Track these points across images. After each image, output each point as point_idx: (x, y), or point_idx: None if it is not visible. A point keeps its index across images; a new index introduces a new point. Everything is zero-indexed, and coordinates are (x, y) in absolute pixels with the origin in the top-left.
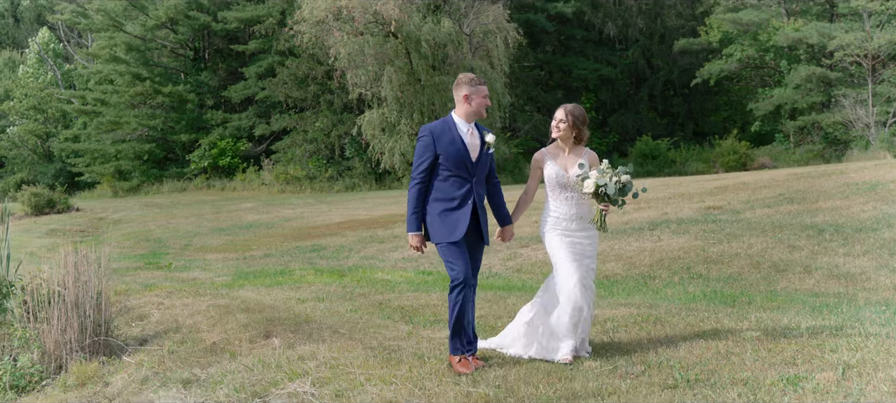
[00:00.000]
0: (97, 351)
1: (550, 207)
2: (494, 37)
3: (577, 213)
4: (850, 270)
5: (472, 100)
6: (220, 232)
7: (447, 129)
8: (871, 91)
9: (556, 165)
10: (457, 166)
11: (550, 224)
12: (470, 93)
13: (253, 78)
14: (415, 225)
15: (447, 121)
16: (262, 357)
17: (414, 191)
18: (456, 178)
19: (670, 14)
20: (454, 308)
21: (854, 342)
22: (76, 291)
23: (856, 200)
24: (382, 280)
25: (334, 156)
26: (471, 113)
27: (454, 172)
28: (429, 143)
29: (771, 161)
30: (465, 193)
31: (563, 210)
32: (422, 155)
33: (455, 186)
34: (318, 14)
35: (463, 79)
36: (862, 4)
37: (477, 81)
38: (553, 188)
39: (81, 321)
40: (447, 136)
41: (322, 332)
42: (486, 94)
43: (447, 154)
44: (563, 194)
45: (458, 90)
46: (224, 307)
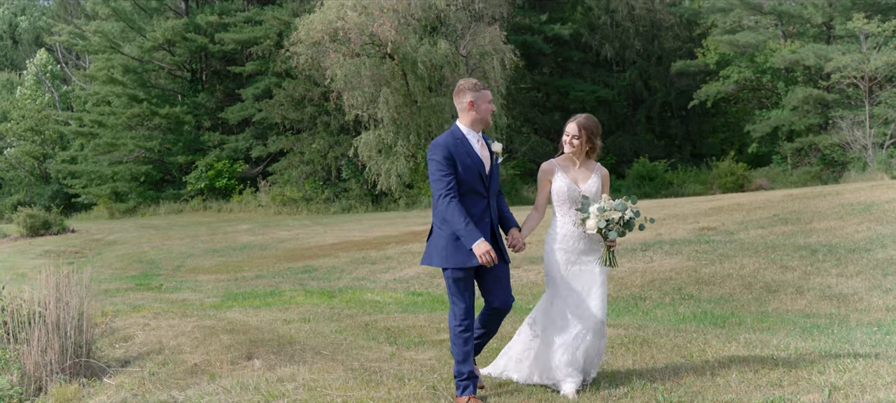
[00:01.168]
0: (78, 373)
1: (558, 224)
2: (491, 58)
3: (583, 233)
4: (843, 291)
5: (479, 107)
6: (214, 254)
7: (459, 142)
8: (869, 112)
9: (566, 178)
10: (472, 181)
11: (557, 243)
12: (475, 100)
13: (250, 99)
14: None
15: (455, 134)
16: (242, 378)
17: (454, 204)
18: (472, 196)
19: (667, 36)
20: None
21: (842, 363)
22: (57, 312)
23: (850, 221)
24: (371, 301)
25: (331, 177)
26: (477, 120)
27: (470, 188)
28: (448, 155)
29: (768, 182)
30: (482, 211)
31: (570, 228)
32: (443, 166)
33: (471, 204)
34: (314, 35)
35: (465, 85)
36: (859, 26)
37: (480, 86)
38: (561, 203)
39: (62, 342)
40: (461, 149)
41: (304, 353)
42: (490, 99)
43: (464, 168)
44: (572, 210)
45: (462, 97)
46: (209, 328)
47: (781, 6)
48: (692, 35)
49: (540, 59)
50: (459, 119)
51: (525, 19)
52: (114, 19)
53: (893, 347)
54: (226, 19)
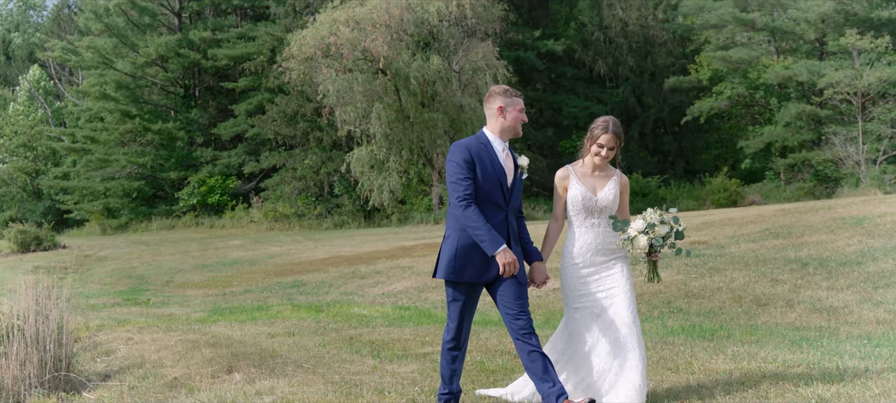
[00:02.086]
0: (57, 387)
1: (573, 236)
2: (484, 74)
3: (603, 242)
4: (833, 304)
5: (507, 114)
6: (204, 269)
7: (483, 148)
8: (862, 128)
9: (582, 186)
10: (492, 191)
11: (572, 258)
12: (505, 106)
13: (243, 115)
14: (500, 238)
15: (480, 139)
16: (220, 392)
17: (471, 210)
18: (491, 206)
19: (660, 52)
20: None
21: (830, 376)
22: (37, 325)
23: (841, 234)
24: (358, 315)
25: (323, 193)
26: (506, 129)
27: (488, 198)
28: (468, 158)
29: (761, 198)
30: (499, 224)
31: (589, 239)
32: (462, 170)
33: (488, 215)
34: (306, 51)
35: (496, 90)
36: (851, 43)
37: (512, 93)
38: (578, 213)
39: (41, 356)
40: (484, 155)
41: (286, 367)
42: (521, 108)
43: (484, 175)
44: (588, 220)
45: (491, 102)
46: (192, 342)
47: (774, 22)
48: (685, 51)
49: (533, 74)
50: (487, 125)
51: (518, 35)
52: (107, 35)
53: (882, 359)
54: (219, 35)
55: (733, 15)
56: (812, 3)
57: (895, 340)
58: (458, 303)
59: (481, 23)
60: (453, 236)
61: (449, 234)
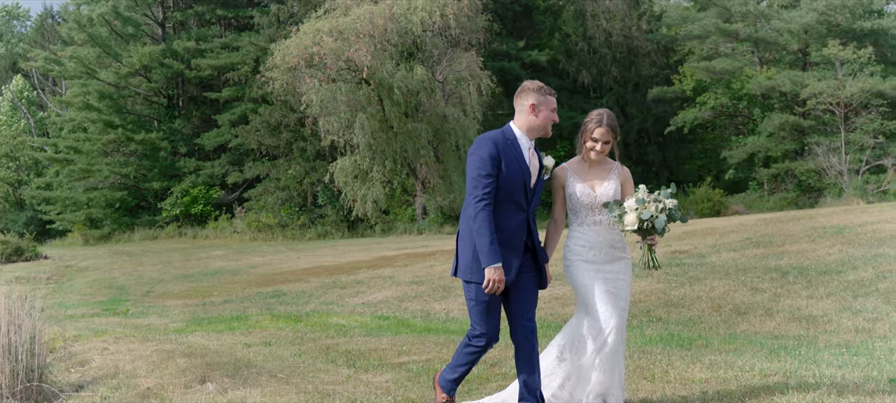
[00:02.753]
0: (29, 398)
1: (575, 234)
2: (468, 84)
3: (606, 240)
4: (812, 312)
5: (540, 113)
6: (185, 279)
7: (509, 144)
8: (844, 139)
9: (581, 183)
10: (515, 190)
11: (575, 254)
12: (538, 104)
13: (226, 125)
14: (498, 254)
15: (507, 134)
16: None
17: (485, 213)
18: (512, 206)
19: (644, 63)
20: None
21: (806, 384)
22: (9, 335)
23: (822, 243)
24: (337, 324)
25: (306, 203)
26: (536, 127)
27: (510, 197)
28: (494, 154)
29: (744, 208)
30: (519, 226)
31: (591, 236)
32: (486, 165)
33: (508, 215)
34: (289, 61)
35: (530, 86)
36: (834, 53)
37: (546, 91)
38: (577, 211)
39: (13, 366)
40: (510, 152)
41: (260, 377)
42: (554, 108)
43: (509, 173)
44: (589, 218)
45: (524, 98)
46: (167, 352)
47: (757, 33)
48: (669, 62)
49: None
50: (515, 120)
51: (502, 45)
52: (90, 45)
53: (859, 368)
54: (202, 45)
55: (717, 26)
56: (795, 13)
57: (873, 349)
58: (481, 305)
59: (465, 33)
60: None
61: (468, 230)
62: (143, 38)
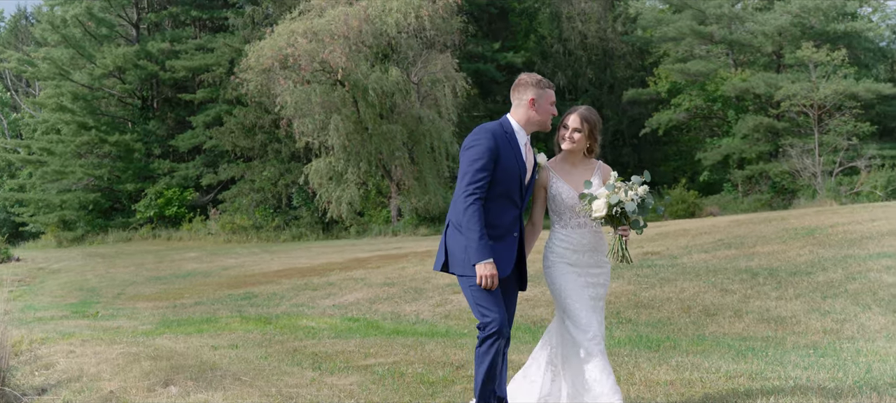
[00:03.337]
0: None
1: (558, 236)
2: (443, 86)
3: (591, 244)
4: (781, 314)
5: (539, 107)
6: (157, 281)
7: (508, 138)
8: (818, 140)
9: (565, 184)
10: (511, 186)
11: (557, 255)
12: (537, 98)
13: (200, 127)
14: (488, 250)
15: (505, 127)
16: None
17: (475, 208)
18: (505, 202)
19: (620, 65)
20: (484, 364)
21: (770, 386)
22: None
23: (793, 245)
24: (306, 327)
25: (281, 205)
26: (534, 122)
27: (506, 192)
28: (492, 147)
29: (719, 210)
30: (512, 222)
31: (575, 239)
32: (482, 158)
33: (502, 211)
34: (264, 62)
35: (528, 80)
36: (808, 55)
37: (545, 84)
38: (561, 212)
39: None
40: (508, 146)
41: (224, 380)
42: (553, 101)
43: (506, 168)
44: (574, 220)
45: (523, 93)
46: (133, 355)
47: (732, 35)
48: (644, 64)
49: (493, 87)
50: (512, 113)
51: (477, 47)
52: (64, 46)
53: (826, 369)
54: (177, 47)
55: (691, 28)
56: (769, 16)
57: (840, 350)
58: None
59: (440, 35)
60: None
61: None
62: (117, 40)
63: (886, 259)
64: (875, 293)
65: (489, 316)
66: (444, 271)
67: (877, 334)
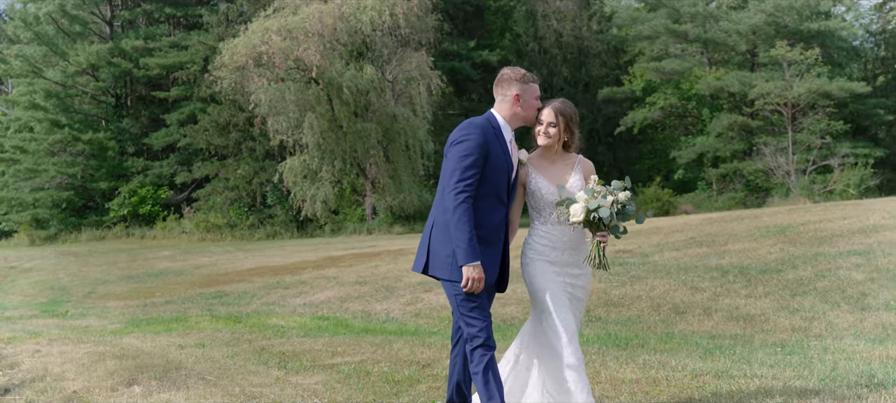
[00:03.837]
0: None
1: (537, 232)
2: (418, 84)
3: (571, 241)
4: (750, 311)
5: (525, 102)
6: (129, 280)
7: (496, 134)
8: (791, 139)
9: (544, 179)
10: (499, 184)
11: (536, 252)
12: (522, 93)
13: (175, 125)
14: (477, 252)
15: (492, 122)
16: None
17: (465, 207)
18: (494, 201)
19: (595, 63)
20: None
21: (736, 384)
22: None
23: (764, 243)
24: (275, 325)
25: (255, 203)
26: (519, 118)
27: (494, 191)
28: (483, 143)
29: (693, 208)
30: (499, 224)
31: (555, 236)
32: (473, 154)
33: (488, 211)
34: (238, 60)
35: (511, 74)
36: (781, 54)
37: (529, 78)
38: (540, 209)
39: None
40: (496, 142)
41: (188, 379)
42: (538, 95)
43: (495, 166)
44: (554, 216)
45: (506, 88)
46: (99, 354)
47: (706, 34)
48: (619, 62)
49: (468, 85)
50: (496, 108)
51: (453, 45)
52: (36, 43)
53: (791, 367)
54: (151, 44)
55: (666, 26)
56: (743, 14)
57: (807, 348)
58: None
59: (415, 33)
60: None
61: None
62: (91, 37)
63: (856, 256)
64: (844, 290)
65: (475, 326)
66: (423, 273)
67: (844, 332)
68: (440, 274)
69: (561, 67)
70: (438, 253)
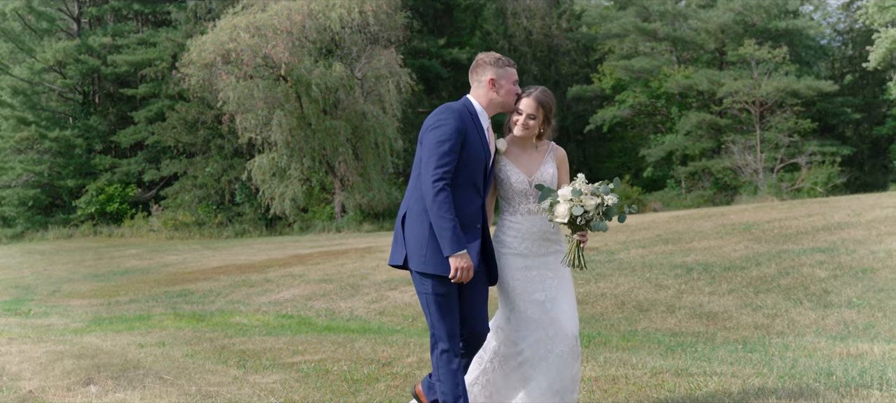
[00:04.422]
0: None
1: (507, 224)
2: (387, 81)
3: (541, 232)
4: (714, 309)
5: (501, 87)
6: (94, 279)
7: (471, 119)
8: (759, 137)
9: (514, 167)
10: (475, 173)
11: (507, 246)
12: (497, 78)
13: (143, 122)
14: (462, 240)
15: (469, 108)
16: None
17: (445, 195)
18: (470, 190)
19: (564, 61)
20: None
21: (695, 382)
22: None
23: (729, 240)
24: (238, 324)
25: (224, 201)
26: (496, 104)
27: (470, 180)
28: (460, 128)
29: (662, 206)
30: (476, 213)
31: (524, 227)
32: (450, 139)
33: (465, 201)
34: (206, 57)
35: (486, 59)
36: (750, 53)
37: (504, 62)
38: (510, 198)
39: None
40: (473, 129)
41: (146, 378)
42: (515, 80)
43: (471, 153)
44: (523, 206)
45: (481, 73)
46: (58, 353)
47: (675, 32)
48: (589, 60)
49: (438, 82)
50: (473, 94)
51: (422, 43)
52: (2, 40)
53: (751, 365)
54: (119, 41)
55: (635, 25)
56: (712, 13)
57: (768, 345)
58: (439, 298)
59: (384, 30)
60: (426, 217)
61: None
62: (58, 34)
63: (819, 254)
64: (807, 287)
65: (437, 329)
66: (402, 267)
67: (806, 329)
68: (412, 266)
69: (530, 65)
70: (413, 245)
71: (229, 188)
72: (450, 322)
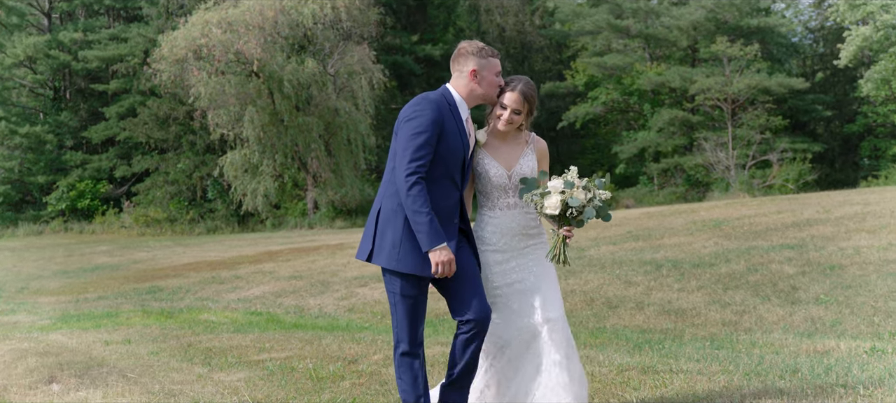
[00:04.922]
0: None
1: (485, 219)
2: (360, 78)
3: (520, 226)
4: (682, 306)
5: (483, 79)
6: (63, 276)
7: (450, 109)
8: (731, 134)
9: (493, 161)
10: (452, 166)
11: (485, 243)
12: (479, 69)
13: (114, 118)
14: (442, 234)
15: (447, 97)
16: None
17: (420, 188)
18: (446, 184)
19: (538, 58)
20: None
21: (660, 379)
22: None
23: (699, 236)
24: (206, 321)
25: (196, 197)
26: (476, 96)
27: (447, 173)
28: (437, 120)
29: (635, 202)
30: (453, 207)
31: (503, 223)
32: (426, 131)
33: (442, 194)
34: (177, 53)
35: (469, 48)
36: (722, 50)
37: (487, 52)
38: (489, 193)
39: None
40: (451, 120)
41: (109, 376)
42: (498, 71)
43: (449, 145)
44: (502, 201)
45: (462, 64)
46: (22, 351)
47: (648, 29)
48: (562, 57)
49: (411, 79)
50: (452, 83)
51: (396, 39)
52: None
53: (718, 361)
54: (90, 36)
55: (608, 22)
56: (684, 10)
57: (736, 342)
58: (408, 301)
59: (357, 26)
60: (400, 212)
61: (394, 209)
62: (28, 29)
63: (788, 250)
64: (775, 284)
65: (400, 331)
66: (368, 261)
67: (773, 325)
68: (382, 262)
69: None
70: (383, 242)
71: (201, 184)
72: (414, 326)
